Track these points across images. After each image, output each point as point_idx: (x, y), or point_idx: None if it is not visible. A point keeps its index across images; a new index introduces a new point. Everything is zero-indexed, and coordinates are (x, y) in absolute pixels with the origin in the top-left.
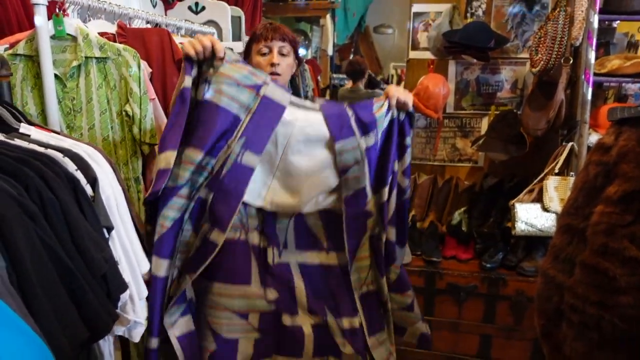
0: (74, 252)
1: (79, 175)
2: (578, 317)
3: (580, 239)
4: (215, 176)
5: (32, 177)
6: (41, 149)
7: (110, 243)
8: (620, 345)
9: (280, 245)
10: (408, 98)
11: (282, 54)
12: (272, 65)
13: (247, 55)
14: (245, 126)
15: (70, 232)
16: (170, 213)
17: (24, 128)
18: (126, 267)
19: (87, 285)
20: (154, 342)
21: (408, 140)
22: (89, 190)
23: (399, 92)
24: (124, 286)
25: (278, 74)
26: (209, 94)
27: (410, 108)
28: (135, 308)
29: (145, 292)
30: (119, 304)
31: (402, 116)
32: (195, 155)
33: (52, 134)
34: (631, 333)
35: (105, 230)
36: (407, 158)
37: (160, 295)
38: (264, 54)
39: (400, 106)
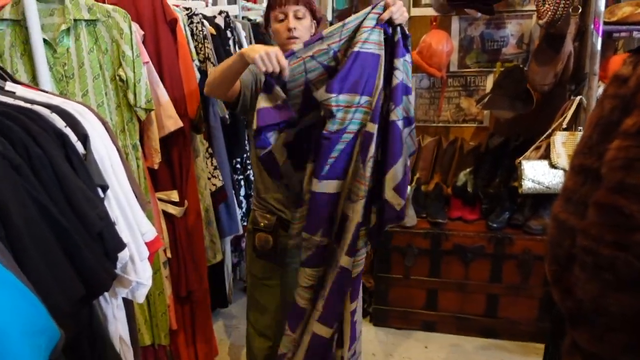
0: (66, 208)
1: (69, 131)
2: (592, 258)
3: (594, 178)
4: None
5: (16, 131)
6: (27, 105)
7: (106, 203)
8: (635, 285)
9: None
10: (399, 12)
11: (297, 17)
12: (289, 30)
13: (267, 25)
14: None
15: (61, 188)
16: (338, 147)
17: (9, 86)
18: (124, 227)
19: (82, 242)
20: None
21: (397, 62)
22: (80, 147)
23: (393, 6)
24: (121, 245)
25: (296, 37)
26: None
27: (399, 21)
28: (136, 268)
29: (146, 253)
30: (119, 265)
31: (398, 35)
32: (353, 98)
33: (40, 92)
34: None
35: (100, 190)
36: (395, 81)
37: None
38: (280, 20)
39: (390, 20)
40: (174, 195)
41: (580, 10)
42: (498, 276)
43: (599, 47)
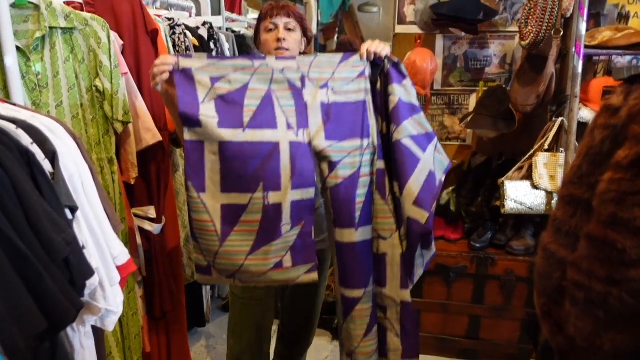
0: (29, 233)
1: (35, 148)
2: (583, 294)
3: (585, 210)
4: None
5: None
6: None
7: (75, 225)
8: (629, 323)
9: None
10: (380, 47)
11: (288, 29)
12: (278, 40)
13: (256, 36)
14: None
15: (24, 211)
16: (360, 191)
17: None
18: (94, 251)
19: (45, 270)
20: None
21: (390, 88)
22: (47, 166)
23: (370, 45)
24: (89, 271)
25: (285, 49)
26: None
27: (385, 54)
28: (106, 295)
29: (117, 278)
30: (87, 291)
31: (388, 66)
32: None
33: (7, 104)
34: None
35: (68, 211)
36: (391, 105)
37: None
38: (270, 30)
39: (376, 56)
40: (151, 212)
41: (562, 33)
42: (480, 297)
43: (580, 69)
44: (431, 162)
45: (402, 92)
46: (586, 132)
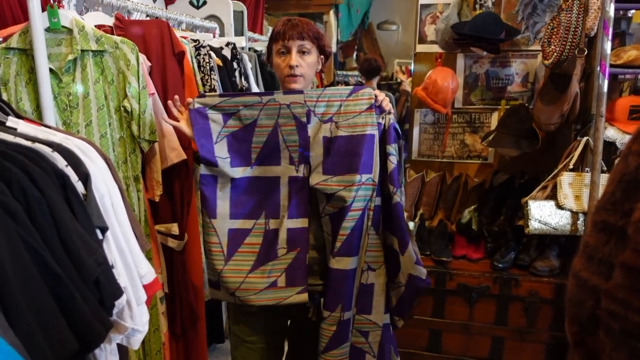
0: (63, 255)
1: (69, 171)
2: (619, 324)
3: (619, 237)
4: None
5: (15, 172)
6: (27, 143)
7: (104, 245)
8: None
9: None
10: (386, 102)
11: (302, 52)
12: (290, 67)
13: (269, 56)
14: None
15: (59, 233)
16: (346, 224)
17: (11, 121)
18: (122, 270)
19: (77, 291)
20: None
21: (389, 148)
22: (80, 187)
23: (379, 95)
24: (118, 292)
25: (298, 75)
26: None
27: (387, 109)
28: (132, 314)
29: (144, 297)
30: (115, 310)
31: (389, 122)
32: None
33: (42, 127)
34: None
35: (99, 231)
36: (391, 166)
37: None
38: (282, 54)
39: (381, 106)
40: (174, 229)
41: (585, 53)
42: (504, 318)
43: (605, 88)
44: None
45: (397, 154)
46: (620, 157)
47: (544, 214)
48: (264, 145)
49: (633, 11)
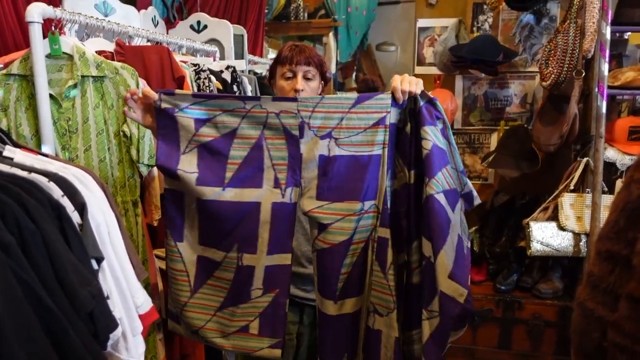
0: (56, 287)
1: (66, 201)
2: (626, 357)
3: (623, 267)
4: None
5: (9, 204)
6: (24, 174)
7: (100, 275)
8: None
9: None
10: (414, 83)
11: (307, 78)
12: (296, 91)
13: (271, 77)
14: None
15: (52, 265)
16: (348, 260)
17: (8, 151)
18: (118, 300)
19: (70, 325)
20: None
21: (423, 132)
22: (76, 217)
23: (403, 82)
24: (113, 324)
25: None
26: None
27: (417, 91)
28: (128, 346)
29: (140, 328)
30: (110, 342)
31: (421, 104)
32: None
33: (39, 156)
34: None
35: (94, 262)
36: (424, 152)
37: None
38: (287, 78)
39: (411, 95)
40: None
41: (583, 74)
42: (507, 342)
43: (604, 110)
44: (458, 225)
45: (437, 136)
46: (622, 185)
47: (545, 236)
48: (243, 162)
49: (629, 33)
